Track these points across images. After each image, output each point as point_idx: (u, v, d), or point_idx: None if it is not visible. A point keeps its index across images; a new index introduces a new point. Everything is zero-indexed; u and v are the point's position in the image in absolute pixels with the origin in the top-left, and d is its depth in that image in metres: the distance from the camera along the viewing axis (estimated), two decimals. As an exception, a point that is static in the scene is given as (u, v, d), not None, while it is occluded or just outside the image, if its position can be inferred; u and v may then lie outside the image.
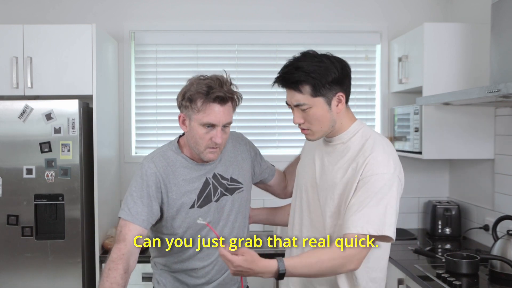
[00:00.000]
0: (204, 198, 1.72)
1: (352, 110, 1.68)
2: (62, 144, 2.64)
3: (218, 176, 1.76)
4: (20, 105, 2.64)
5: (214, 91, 1.59)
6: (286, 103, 1.61)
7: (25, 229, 2.64)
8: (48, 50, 2.73)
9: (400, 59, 3.06)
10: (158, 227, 1.76)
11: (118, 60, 3.28)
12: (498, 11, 2.26)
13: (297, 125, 1.60)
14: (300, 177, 1.75)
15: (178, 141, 1.78)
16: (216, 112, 1.61)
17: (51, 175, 2.65)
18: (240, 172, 1.82)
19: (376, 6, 3.36)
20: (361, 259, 1.47)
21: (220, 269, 1.78)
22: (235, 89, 1.69)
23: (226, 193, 1.77)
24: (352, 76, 1.64)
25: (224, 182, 1.77)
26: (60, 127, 2.64)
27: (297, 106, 1.55)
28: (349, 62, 1.65)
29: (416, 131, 2.82)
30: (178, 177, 1.70)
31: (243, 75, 3.34)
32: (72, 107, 2.65)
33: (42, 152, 2.64)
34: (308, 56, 1.56)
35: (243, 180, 1.83)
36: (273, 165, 2.00)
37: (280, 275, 1.41)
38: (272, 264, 1.41)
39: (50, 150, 2.64)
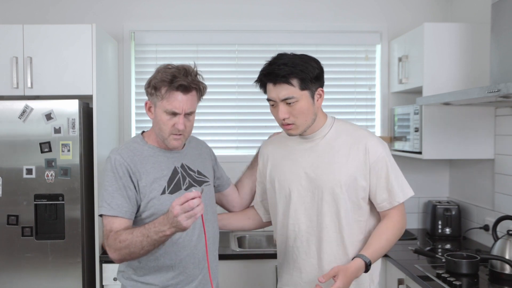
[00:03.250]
0: (174, 185, 1.73)
1: (352, 110, 1.76)
2: (62, 144, 2.64)
3: (186, 167, 1.79)
4: (20, 105, 2.64)
5: (177, 80, 1.64)
6: (268, 99, 1.71)
7: (25, 229, 2.64)
8: (48, 50, 2.73)
9: (400, 59, 3.06)
10: (136, 220, 1.71)
11: (118, 60, 3.28)
12: (498, 11, 2.26)
13: (282, 120, 1.68)
14: (283, 180, 1.80)
15: (142, 134, 1.82)
16: (179, 100, 1.65)
17: (51, 175, 2.64)
18: (205, 168, 1.87)
19: (376, 6, 3.36)
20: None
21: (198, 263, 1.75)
22: (200, 80, 1.73)
23: (194, 184, 1.78)
24: (352, 76, 1.72)
25: (192, 173, 1.80)
26: (60, 127, 2.64)
27: (284, 100, 1.65)
28: (349, 62, 1.72)
29: (416, 131, 2.82)
30: (146, 165, 1.71)
31: (243, 75, 3.34)
32: (72, 107, 2.65)
33: (42, 152, 2.64)
34: (287, 55, 1.68)
35: (209, 176, 1.87)
36: (229, 178, 2.05)
37: (367, 267, 1.64)
38: (358, 263, 1.63)
39: (50, 150, 2.64)
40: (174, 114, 1.66)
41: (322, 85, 1.72)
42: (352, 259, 1.66)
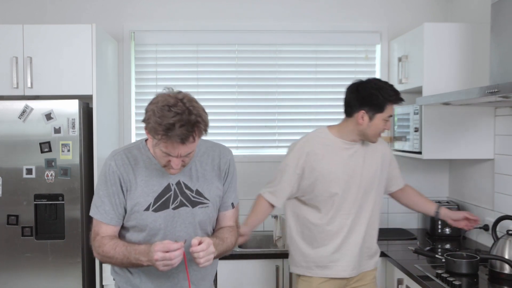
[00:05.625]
0: (161, 203, 1.66)
1: (352, 110, 1.74)
2: (62, 144, 2.64)
3: (182, 185, 1.68)
4: (20, 105, 2.64)
5: (173, 133, 1.47)
6: (390, 116, 2.18)
7: (25, 229, 2.64)
8: (48, 50, 2.73)
9: (400, 59, 3.06)
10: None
11: (118, 60, 3.28)
12: (498, 11, 2.26)
13: (387, 130, 2.27)
14: (346, 179, 2.18)
15: (146, 140, 1.72)
16: (175, 147, 1.52)
17: (51, 175, 2.65)
18: (209, 187, 1.72)
19: (376, 6, 3.36)
20: None
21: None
22: (202, 119, 1.51)
23: (187, 204, 1.68)
24: (352, 76, 1.75)
25: (188, 192, 1.69)
26: (60, 127, 2.65)
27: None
28: (349, 62, 1.70)
29: (416, 131, 2.82)
30: (137, 177, 1.66)
31: (243, 75, 3.34)
32: (72, 107, 2.65)
33: (42, 152, 2.64)
34: None
35: (210, 197, 1.72)
36: (233, 203, 1.83)
37: None
38: None
39: (50, 150, 2.64)
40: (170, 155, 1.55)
41: None
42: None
